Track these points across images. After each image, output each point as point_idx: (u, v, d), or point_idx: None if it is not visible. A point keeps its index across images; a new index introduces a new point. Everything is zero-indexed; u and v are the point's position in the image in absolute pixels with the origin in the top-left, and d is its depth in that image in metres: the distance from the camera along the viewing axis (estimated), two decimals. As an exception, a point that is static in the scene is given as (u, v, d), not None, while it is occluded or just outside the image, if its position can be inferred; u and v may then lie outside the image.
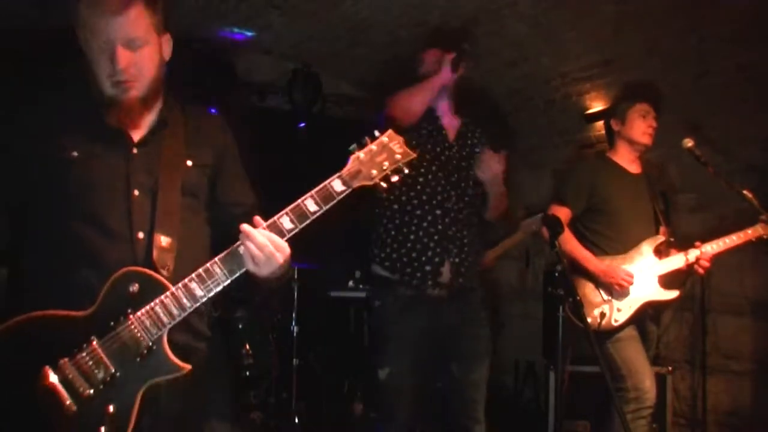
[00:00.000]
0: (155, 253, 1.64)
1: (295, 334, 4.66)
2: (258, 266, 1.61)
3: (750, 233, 3.20)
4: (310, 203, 1.63)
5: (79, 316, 1.58)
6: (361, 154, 1.65)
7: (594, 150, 4.82)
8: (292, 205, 1.64)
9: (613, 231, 3.27)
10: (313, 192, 1.65)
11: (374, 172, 1.65)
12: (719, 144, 4.03)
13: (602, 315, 3.15)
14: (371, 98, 6.10)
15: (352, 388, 5.15)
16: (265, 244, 1.59)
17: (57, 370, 1.54)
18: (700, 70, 4.06)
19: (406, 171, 1.69)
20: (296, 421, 4.59)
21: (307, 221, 1.64)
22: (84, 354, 1.55)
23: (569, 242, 3.22)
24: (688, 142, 3.31)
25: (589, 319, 3.11)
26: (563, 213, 3.19)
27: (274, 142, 5.76)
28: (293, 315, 4.70)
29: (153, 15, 1.68)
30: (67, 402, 1.53)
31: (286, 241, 1.65)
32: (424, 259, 2.67)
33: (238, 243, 1.62)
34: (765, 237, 3.20)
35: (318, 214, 1.64)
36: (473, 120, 2.94)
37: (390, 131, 1.70)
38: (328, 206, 1.65)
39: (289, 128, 5.80)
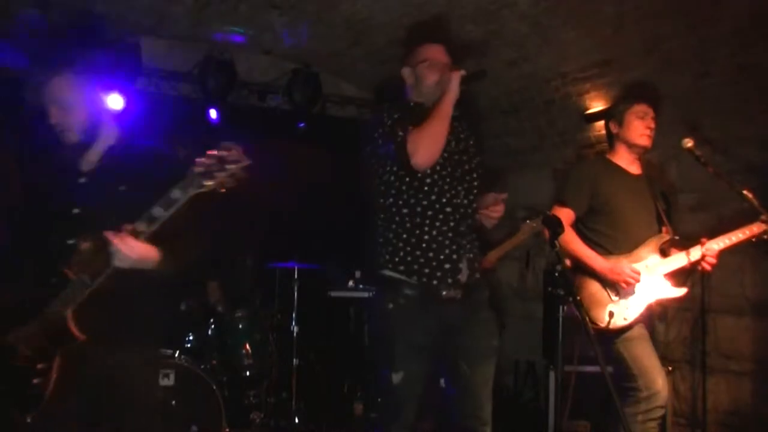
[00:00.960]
0: (74, 256, 2.17)
1: (295, 334, 4.67)
2: (119, 261, 2.09)
3: (755, 229, 3.19)
4: (156, 210, 2.06)
5: (31, 300, 2.18)
6: (197, 168, 1.99)
7: (594, 150, 4.82)
8: (145, 213, 2.08)
9: (617, 231, 3.26)
10: (159, 201, 2.06)
11: (210, 182, 2.00)
12: (719, 144, 4.03)
13: (611, 314, 3.13)
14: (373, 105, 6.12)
15: (352, 388, 5.16)
16: (117, 242, 2.07)
17: (13, 338, 2.17)
18: (700, 70, 4.06)
19: (243, 175, 2.02)
20: (296, 421, 4.60)
21: (157, 223, 2.08)
22: (26, 329, 2.16)
23: (573, 242, 3.21)
24: (688, 142, 3.30)
25: (597, 319, 3.12)
26: (565, 214, 3.18)
27: (274, 142, 5.77)
28: (293, 315, 4.70)
29: (83, 82, 2.26)
30: (19, 364, 2.15)
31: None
32: (442, 257, 2.61)
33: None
34: (766, 237, 3.20)
35: (164, 217, 2.07)
36: (460, 109, 2.85)
37: (227, 143, 2.01)
38: (170, 211, 2.05)
39: (289, 128, 5.81)
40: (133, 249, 2.09)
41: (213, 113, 5.47)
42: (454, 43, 4.33)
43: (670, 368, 4.03)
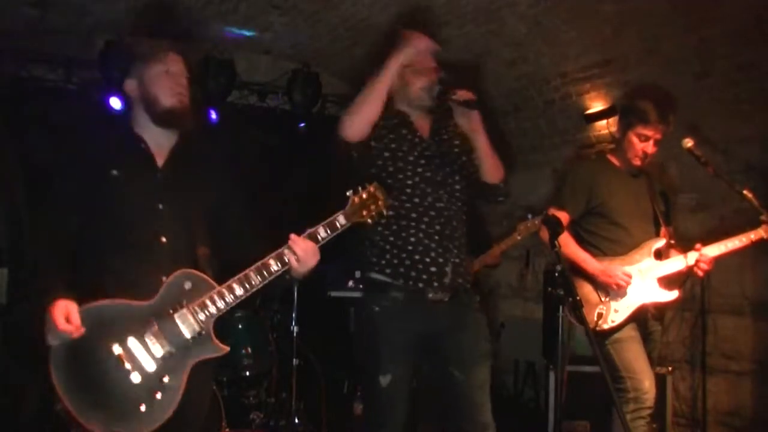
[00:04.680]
0: (201, 260, 2.16)
1: (295, 334, 4.66)
2: (300, 264, 2.19)
3: (753, 237, 3.18)
4: (321, 230, 2.23)
5: (144, 305, 2.03)
6: (356, 198, 2.26)
7: (594, 150, 4.82)
8: (308, 231, 2.21)
9: (613, 233, 3.26)
10: (324, 223, 2.24)
11: (364, 212, 2.27)
12: (719, 144, 4.03)
13: (599, 315, 3.15)
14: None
15: (352, 388, 5.15)
16: (306, 249, 2.19)
17: (125, 347, 1.99)
18: (700, 70, 4.06)
19: (386, 213, 2.32)
20: (296, 421, 4.59)
21: (318, 244, 2.24)
22: (149, 335, 2.00)
23: (568, 245, 3.21)
24: (688, 142, 3.30)
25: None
26: (561, 216, 3.18)
27: (274, 142, 5.77)
28: (293, 315, 4.70)
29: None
30: (133, 373, 1.97)
31: None
32: (428, 260, 2.59)
33: (270, 257, 2.15)
34: (767, 238, 3.19)
35: (326, 240, 2.24)
36: (442, 111, 2.79)
37: (376, 182, 2.30)
38: (332, 235, 2.25)
39: (289, 128, 5.80)
40: (317, 254, 2.24)
41: (213, 113, 5.48)
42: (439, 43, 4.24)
43: (670, 368, 4.03)
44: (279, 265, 2.16)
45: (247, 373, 4.44)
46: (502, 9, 4.25)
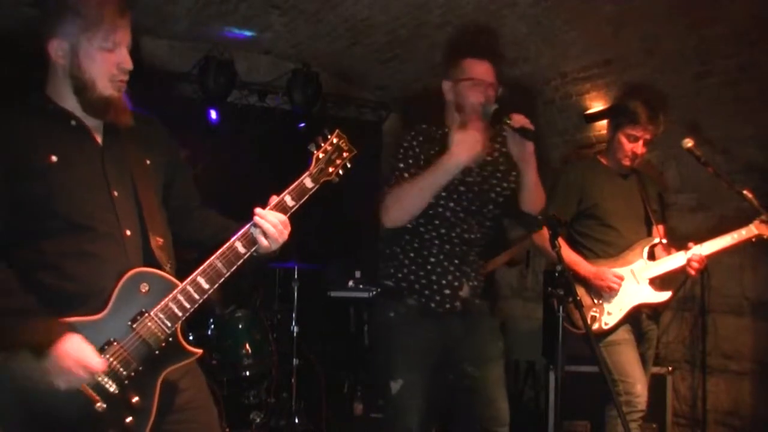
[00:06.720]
0: (156, 253, 1.80)
1: (295, 334, 4.67)
2: (271, 241, 1.87)
3: (744, 234, 3.17)
4: (288, 199, 1.92)
5: (94, 320, 1.69)
6: (320, 154, 1.98)
7: (594, 150, 4.82)
8: (274, 201, 1.91)
9: (605, 235, 3.26)
10: (290, 189, 1.93)
11: (331, 169, 1.99)
12: (719, 144, 4.03)
13: (592, 318, 3.15)
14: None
15: (352, 388, 5.16)
16: (276, 223, 1.87)
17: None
18: (700, 70, 4.06)
19: (348, 165, 2.03)
20: (296, 421, 4.60)
21: (287, 214, 1.93)
22: (107, 355, 1.68)
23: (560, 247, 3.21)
24: (688, 142, 3.29)
25: (579, 323, 3.12)
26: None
27: (274, 142, 5.77)
28: (293, 315, 4.70)
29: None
30: (98, 403, 1.66)
31: None
32: (444, 282, 2.58)
33: (234, 239, 1.84)
34: (765, 236, 3.18)
35: (295, 208, 1.93)
36: (492, 131, 2.63)
37: (337, 131, 2.04)
38: (302, 201, 1.95)
39: (289, 128, 5.81)
40: (288, 227, 1.90)
41: (213, 113, 5.48)
42: (503, 57, 4.12)
43: (670, 368, 4.03)
44: (247, 246, 1.83)
45: (247, 373, 4.44)
46: (502, 9, 4.25)
